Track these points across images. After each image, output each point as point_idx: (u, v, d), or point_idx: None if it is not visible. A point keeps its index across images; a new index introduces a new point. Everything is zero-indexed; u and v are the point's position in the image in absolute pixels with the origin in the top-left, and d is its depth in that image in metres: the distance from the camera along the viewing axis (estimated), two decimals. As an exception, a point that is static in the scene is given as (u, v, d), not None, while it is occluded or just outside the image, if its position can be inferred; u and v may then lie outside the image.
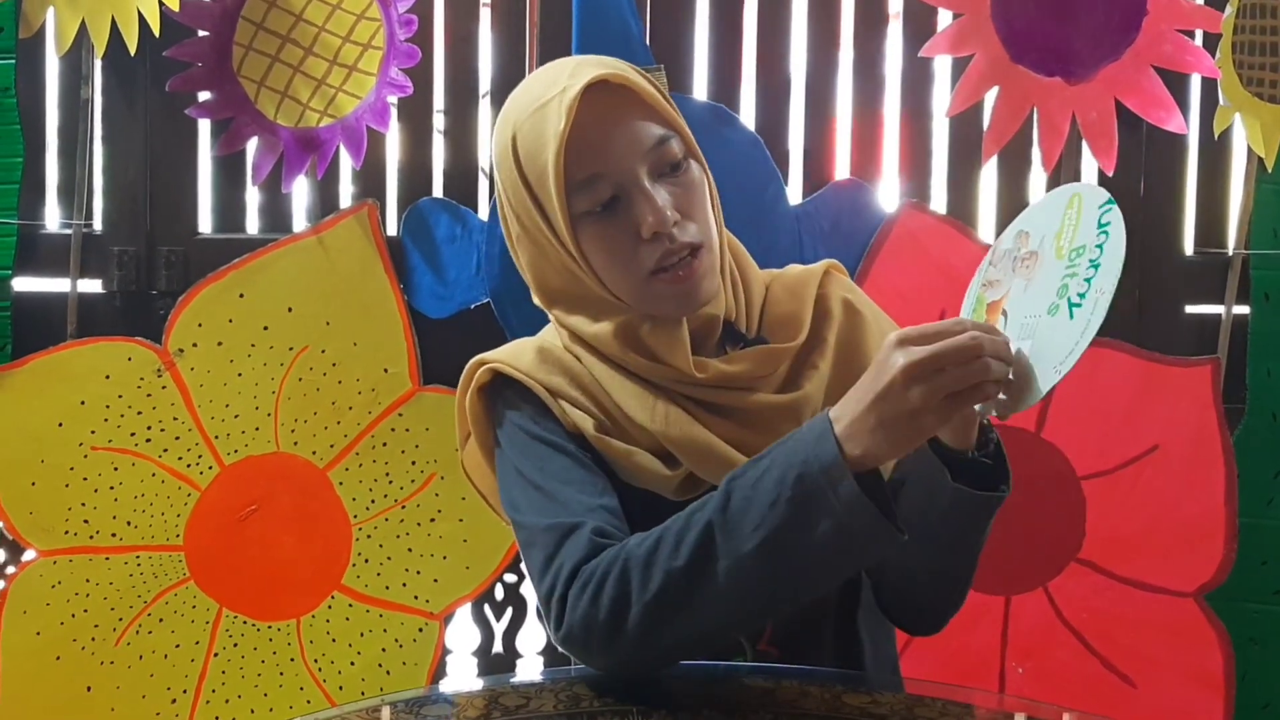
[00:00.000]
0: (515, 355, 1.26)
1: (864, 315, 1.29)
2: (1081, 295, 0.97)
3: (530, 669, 1.95)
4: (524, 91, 1.22)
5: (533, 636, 1.96)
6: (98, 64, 1.88)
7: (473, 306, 1.88)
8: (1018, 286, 1.05)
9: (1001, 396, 1.01)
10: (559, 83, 1.16)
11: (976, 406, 1.02)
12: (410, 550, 1.88)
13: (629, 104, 1.17)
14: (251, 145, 1.88)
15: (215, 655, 1.86)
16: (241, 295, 1.84)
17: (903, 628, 1.30)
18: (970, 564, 1.21)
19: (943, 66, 1.92)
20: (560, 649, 1.12)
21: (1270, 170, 1.85)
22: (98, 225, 1.92)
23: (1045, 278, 1.02)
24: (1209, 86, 1.89)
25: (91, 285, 1.91)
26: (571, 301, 1.23)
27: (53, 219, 1.92)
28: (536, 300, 1.28)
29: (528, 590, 1.91)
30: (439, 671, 1.90)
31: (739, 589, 1.04)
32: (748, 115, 1.91)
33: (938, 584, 1.23)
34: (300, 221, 1.93)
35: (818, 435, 1.02)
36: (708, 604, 1.04)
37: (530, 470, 1.20)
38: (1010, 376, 0.99)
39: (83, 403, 1.82)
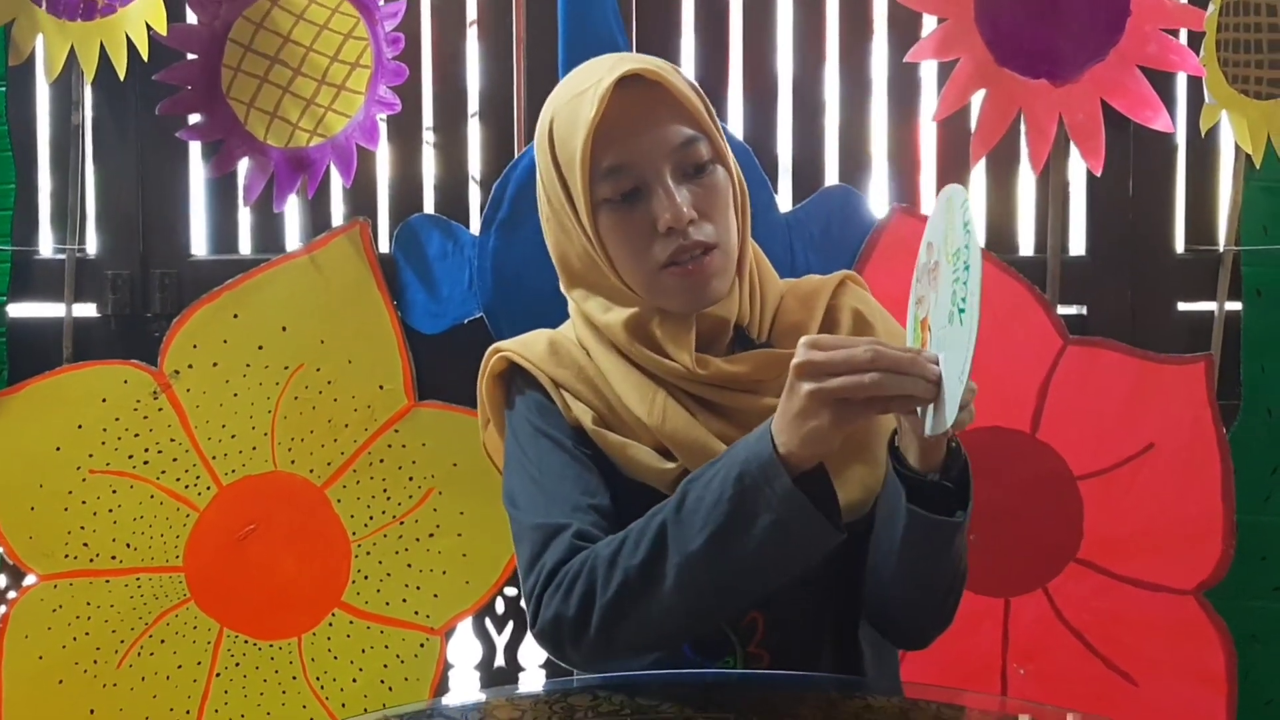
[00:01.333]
0: (528, 345, 1.31)
1: (874, 327, 1.30)
2: (964, 300, 0.98)
3: (533, 682, 1.96)
4: (567, 80, 1.26)
5: (534, 649, 1.95)
6: (88, 89, 1.89)
7: (466, 321, 1.88)
8: (931, 299, 1.06)
9: (918, 411, 1.03)
10: (597, 74, 1.20)
11: (925, 427, 1.02)
12: (410, 566, 1.88)
13: (662, 101, 1.20)
14: (242, 166, 1.88)
15: (217, 675, 1.86)
16: (236, 316, 1.85)
17: (890, 641, 1.30)
18: (939, 587, 1.20)
19: (929, 72, 1.93)
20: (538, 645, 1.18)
21: (1258, 166, 1.86)
22: (91, 249, 1.93)
23: (944, 286, 1.03)
24: (1195, 85, 1.89)
25: (86, 309, 1.91)
26: (590, 286, 1.27)
27: (46, 244, 1.93)
28: (561, 282, 1.31)
29: (528, 603, 1.91)
30: (441, 686, 1.91)
31: (690, 586, 1.08)
32: (735, 124, 1.92)
33: (911, 607, 1.22)
34: (293, 241, 1.94)
35: (759, 434, 1.06)
36: (662, 601, 1.09)
37: (529, 463, 1.25)
38: (914, 391, 1.00)
39: (80, 426, 1.83)
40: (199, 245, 1.95)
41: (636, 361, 1.25)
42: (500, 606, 1.95)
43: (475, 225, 1.91)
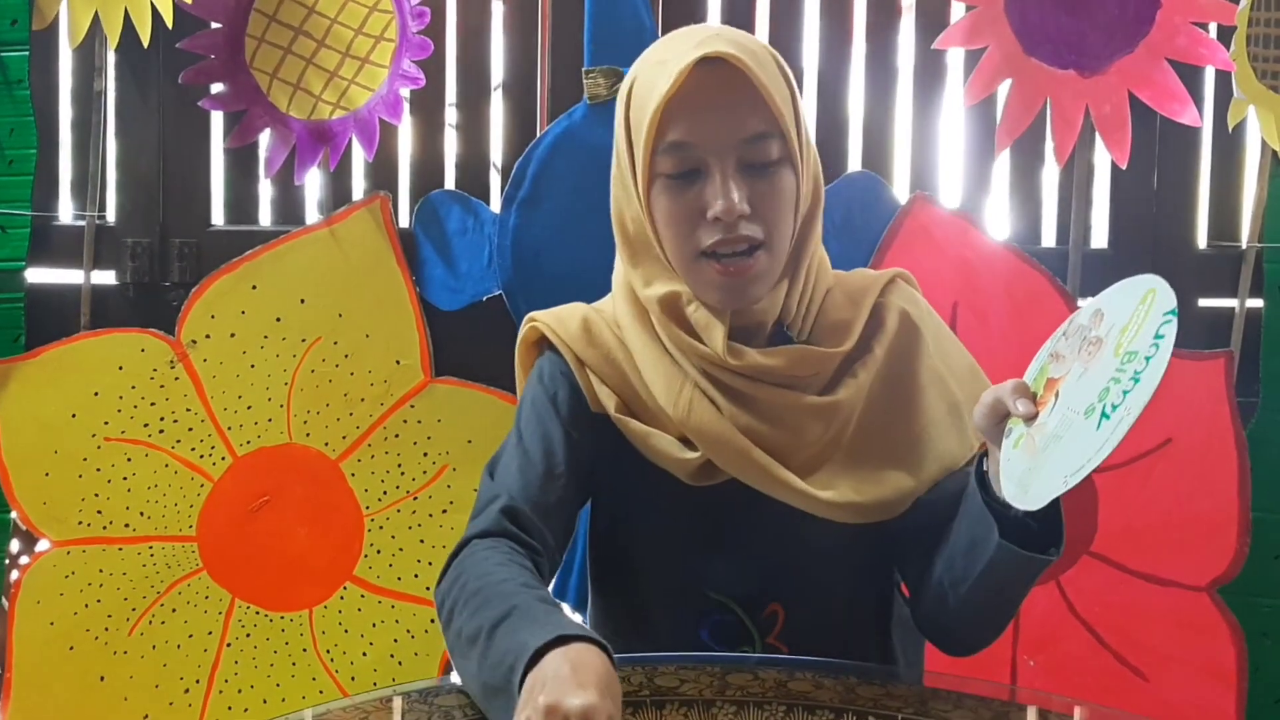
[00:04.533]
0: (562, 320, 1.30)
1: (921, 331, 1.27)
2: (1114, 407, 0.94)
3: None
4: (660, 44, 1.24)
5: None
6: (111, 56, 1.89)
7: (484, 299, 1.88)
8: (1076, 371, 1.02)
9: (1001, 495, 1.01)
10: (686, 46, 1.17)
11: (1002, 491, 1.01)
12: (422, 541, 1.88)
13: (743, 89, 1.16)
14: (264, 137, 1.88)
15: (228, 645, 1.86)
16: (254, 287, 1.85)
17: (935, 644, 1.29)
18: (1003, 616, 1.21)
19: (956, 59, 1.92)
20: None
21: (1284, 163, 1.85)
22: (111, 217, 1.92)
23: (1098, 372, 0.99)
24: (1223, 79, 1.88)
25: (105, 277, 1.91)
26: (637, 253, 1.25)
27: (66, 211, 1.93)
28: (616, 236, 1.28)
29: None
30: (450, 663, 1.90)
31: (472, 691, 1.10)
32: (760, 108, 1.91)
33: (972, 621, 1.22)
34: (312, 213, 1.93)
35: (510, 669, 0.99)
36: (462, 673, 1.12)
37: (520, 426, 1.26)
38: None
39: (96, 394, 1.83)
40: (219, 215, 1.95)
41: (669, 344, 1.23)
42: (511, 584, 1.95)
43: (496, 202, 1.90)
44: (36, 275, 1.89)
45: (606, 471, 1.28)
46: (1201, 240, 1.95)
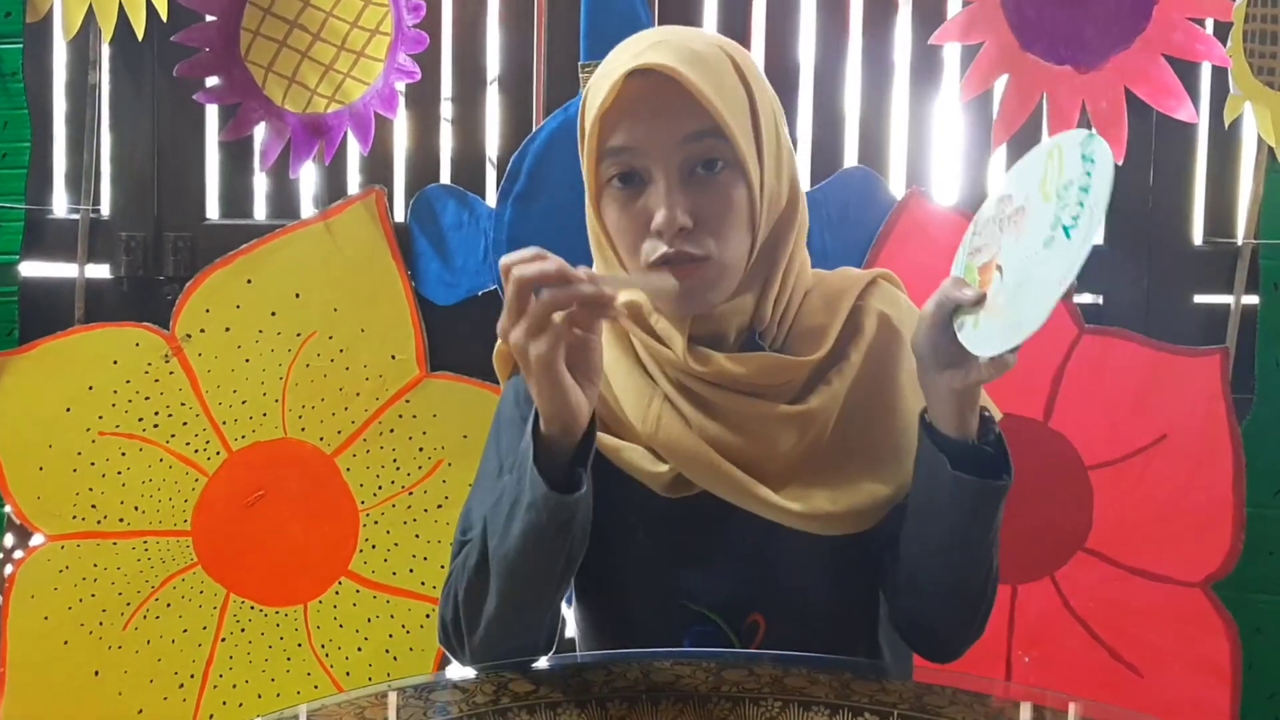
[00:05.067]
0: None
1: (901, 334, 1.24)
2: (1075, 218, 0.97)
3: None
4: (611, 53, 1.21)
5: None
6: (105, 49, 1.88)
7: (480, 293, 1.87)
8: (1009, 242, 1.05)
9: (976, 329, 1.03)
10: (628, 54, 1.15)
11: (981, 359, 1.04)
12: (417, 537, 1.88)
13: (682, 93, 1.12)
14: (259, 131, 1.87)
15: (222, 640, 1.86)
16: (249, 281, 1.84)
17: (918, 651, 1.27)
18: (979, 571, 1.19)
19: (952, 54, 1.92)
20: None
21: (1280, 159, 1.85)
22: (105, 210, 1.92)
23: (1036, 222, 1.02)
24: (1219, 75, 1.88)
25: (99, 270, 1.91)
26: (604, 265, 1.23)
27: (60, 204, 1.92)
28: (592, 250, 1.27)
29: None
30: (445, 658, 1.91)
31: (499, 580, 1.11)
32: (756, 102, 1.91)
33: (948, 599, 1.20)
34: (308, 207, 1.93)
35: (531, 425, 1.08)
36: (489, 599, 1.12)
37: (500, 451, 1.25)
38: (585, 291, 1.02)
39: (90, 388, 1.82)
40: (213, 209, 1.94)
41: (642, 352, 1.21)
42: (506, 579, 1.95)
43: (492, 197, 1.90)
44: (31, 269, 1.89)
45: None
46: (1197, 236, 1.95)
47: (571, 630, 1.36)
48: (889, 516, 1.20)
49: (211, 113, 1.91)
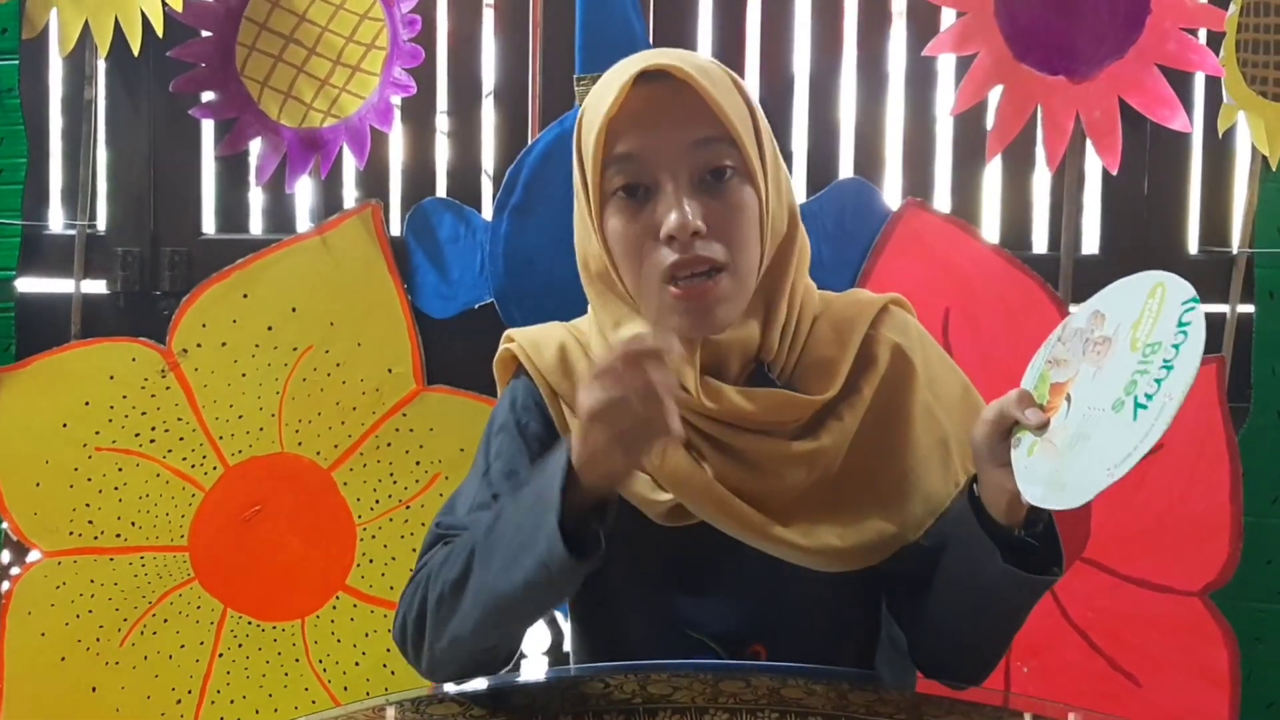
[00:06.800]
0: (538, 346, 1.25)
1: (913, 364, 1.21)
2: (1149, 396, 0.93)
3: (534, 669, 1.95)
4: (608, 72, 1.20)
5: (538, 636, 1.95)
6: (101, 65, 1.88)
7: (477, 306, 1.87)
8: (1086, 372, 1.01)
9: (1028, 499, 1.00)
10: (628, 67, 1.14)
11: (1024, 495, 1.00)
12: (415, 550, 1.87)
13: (690, 100, 1.12)
14: (255, 146, 1.88)
15: (220, 656, 1.86)
16: (245, 295, 1.84)
17: (935, 680, 1.25)
18: (1005, 641, 1.18)
19: (946, 65, 1.92)
20: None
21: (1275, 169, 1.85)
22: (101, 226, 1.92)
23: (1115, 369, 0.98)
24: (1213, 85, 1.88)
25: (95, 286, 1.91)
26: (602, 292, 1.21)
27: (56, 220, 1.92)
28: (581, 278, 1.24)
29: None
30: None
31: (488, 609, 1.08)
32: (751, 114, 1.91)
33: (974, 653, 1.19)
34: (304, 222, 1.93)
35: (551, 470, 1.04)
36: (463, 617, 1.10)
37: (488, 455, 1.24)
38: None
39: (87, 403, 1.82)
40: (210, 224, 1.94)
41: None
42: (504, 593, 1.94)
43: (488, 210, 1.90)
44: (27, 284, 1.89)
45: None
46: (1192, 245, 1.95)
47: (569, 645, 1.35)
48: (899, 554, 1.18)
49: (207, 128, 1.91)
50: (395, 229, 1.91)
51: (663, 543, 1.20)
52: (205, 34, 1.84)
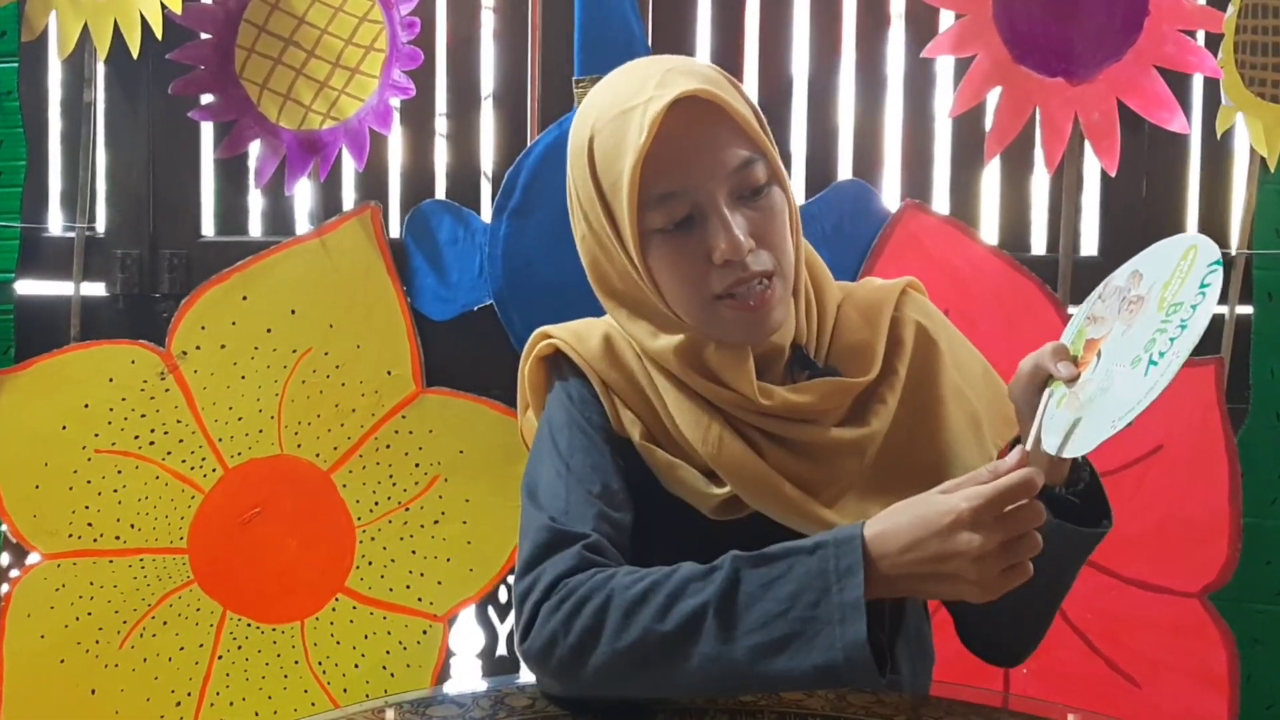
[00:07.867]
0: (581, 338, 1.24)
1: (938, 344, 1.24)
2: (1161, 354, 0.95)
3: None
4: (609, 90, 1.17)
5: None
6: (100, 67, 1.88)
7: (476, 309, 1.87)
8: (1118, 330, 1.03)
9: (1045, 449, 1.01)
10: (645, 90, 1.11)
11: (1045, 444, 1.01)
12: (414, 552, 1.88)
13: (717, 121, 1.12)
14: (254, 148, 1.88)
15: (219, 658, 1.86)
16: (244, 298, 1.84)
17: (979, 657, 1.27)
18: (1054, 605, 1.19)
19: (945, 67, 1.92)
20: (519, 653, 1.10)
21: (1273, 170, 1.85)
22: (100, 228, 1.92)
23: (1142, 327, 0.99)
24: (1211, 87, 1.89)
25: (94, 288, 1.91)
26: (634, 307, 1.20)
27: (55, 222, 1.92)
28: (596, 291, 1.23)
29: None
30: (443, 674, 1.90)
31: (712, 678, 1.02)
32: (750, 116, 1.91)
33: (1021, 623, 1.20)
34: (303, 224, 1.93)
35: (847, 551, 1.00)
36: (676, 677, 1.02)
37: (558, 455, 1.18)
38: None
39: (86, 406, 1.82)
40: (209, 226, 1.94)
41: (692, 388, 1.18)
42: (504, 595, 1.95)
43: (487, 212, 1.90)
44: (26, 287, 1.89)
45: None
46: (1191, 247, 1.95)
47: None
48: None
49: (207, 130, 1.91)
50: (394, 231, 1.91)
51: (705, 537, 1.18)
52: (204, 36, 1.84)
